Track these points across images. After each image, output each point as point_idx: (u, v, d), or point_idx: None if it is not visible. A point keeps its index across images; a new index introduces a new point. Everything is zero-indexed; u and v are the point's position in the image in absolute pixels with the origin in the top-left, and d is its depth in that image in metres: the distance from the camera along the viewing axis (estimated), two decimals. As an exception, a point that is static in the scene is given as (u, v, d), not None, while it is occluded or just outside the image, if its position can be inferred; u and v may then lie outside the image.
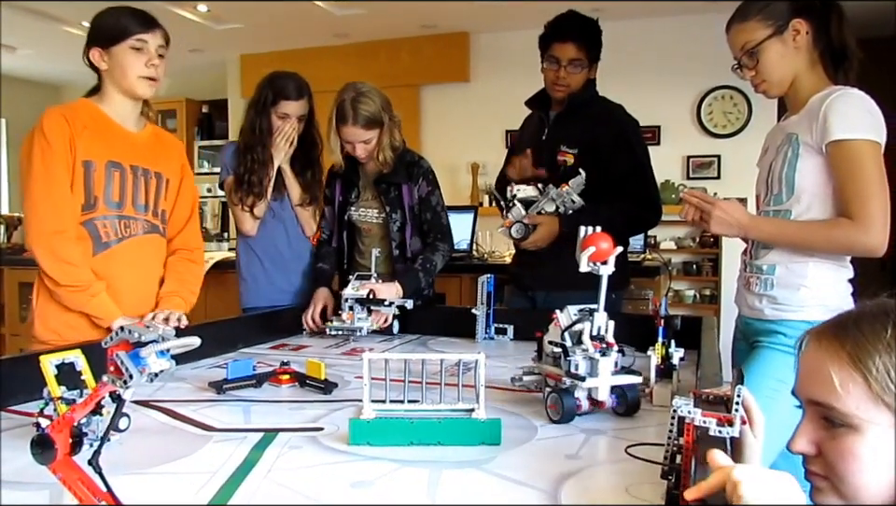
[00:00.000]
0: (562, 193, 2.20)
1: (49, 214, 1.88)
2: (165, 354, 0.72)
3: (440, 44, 6.31)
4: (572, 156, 2.37)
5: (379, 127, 2.41)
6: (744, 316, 1.90)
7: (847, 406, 0.87)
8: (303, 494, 0.96)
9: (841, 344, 0.89)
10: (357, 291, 2.24)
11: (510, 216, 2.29)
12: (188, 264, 2.16)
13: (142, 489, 0.97)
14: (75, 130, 1.91)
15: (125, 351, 0.71)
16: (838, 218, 1.67)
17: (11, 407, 1.39)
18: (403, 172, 2.48)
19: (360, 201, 2.55)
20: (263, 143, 2.58)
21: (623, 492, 0.97)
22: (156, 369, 0.72)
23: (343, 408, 1.41)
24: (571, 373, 1.34)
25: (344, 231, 2.58)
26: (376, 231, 2.54)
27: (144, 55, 1.94)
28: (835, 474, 0.89)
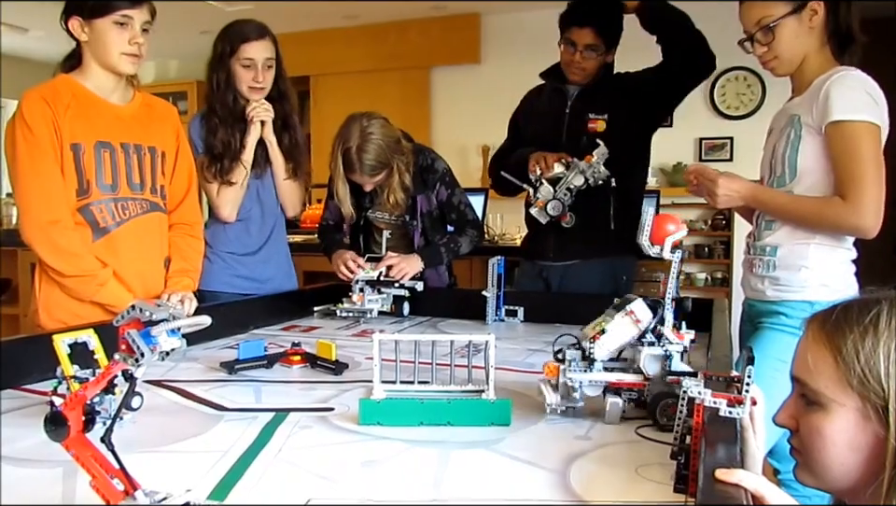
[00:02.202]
0: (591, 165, 2.20)
1: (40, 204, 1.80)
2: (176, 333, 0.73)
3: (450, 25, 6.26)
4: (603, 122, 2.37)
5: (388, 168, 2.36)
6: (748, 297, 1.91)
7: (817, 384, 0.90)
8: (314, 473, 0.96)
9: (823, 325, 0.92)
10: (367, 274, 2.25)
11: (539, 196, 2.28)
12: (189, 240, 2.09)
13: (154, 467, 0.98)
14: (57, 112, 1.80)
15: (136, 330, 0.71)
16: (832, 197, 1.68)
17: (25, 386, 1.40)
18: (419, 182, 2.45)
19: (375, 206, 2.51)
20: (224, 99, 2.32)
21: (632, 472, 0.97)
22: (167, 347, 0.72)
23: (353, 389, 1.42)
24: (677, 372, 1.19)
25: (360, 235, 2.56)
26: (394, 231, 2.52)
27: (127, 31, 1.83)
28: (806, 451, 0.92)
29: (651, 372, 1.19)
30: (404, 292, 2.26)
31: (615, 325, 1.20)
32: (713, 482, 0.72)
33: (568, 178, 2.24)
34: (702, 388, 0.88)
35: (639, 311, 1.21)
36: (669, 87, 2.36)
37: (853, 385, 0.86)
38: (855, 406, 0.87)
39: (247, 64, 2.29)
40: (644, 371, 1.19)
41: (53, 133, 1.81)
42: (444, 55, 6.33)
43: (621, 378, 1.20)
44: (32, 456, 1.03)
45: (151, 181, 1.98)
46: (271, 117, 2.36)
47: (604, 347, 1.19)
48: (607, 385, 1.20)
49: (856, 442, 0.87)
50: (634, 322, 1.20)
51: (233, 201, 2.38)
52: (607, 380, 1.19)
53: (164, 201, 2.03)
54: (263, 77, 2.31)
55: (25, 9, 5.66)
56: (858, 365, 0.86)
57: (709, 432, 0.85)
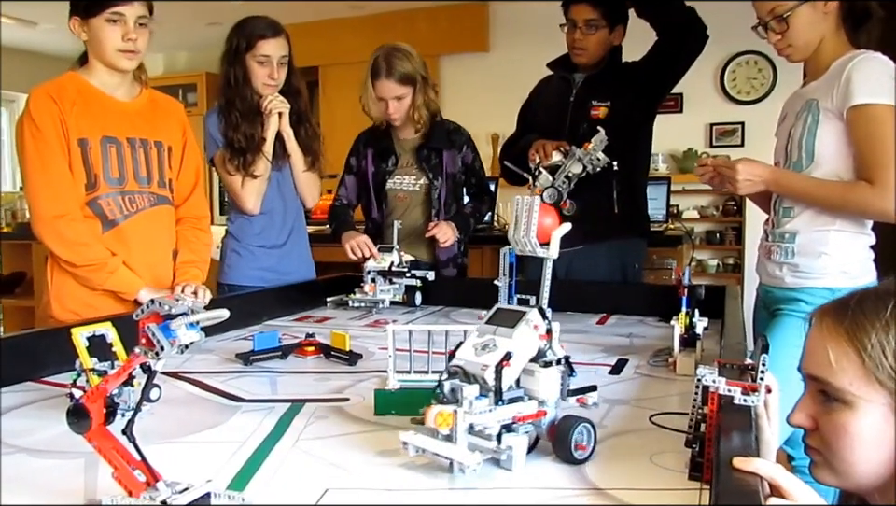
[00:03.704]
0: (588, 152, 2.20)
1: (48, 199, 1.84)
2: (195, 326, 0.74)
3: (458, 13, 6.24)
4: (605, 109, 2.38)
5: (413, 85, 2.42)
6: (764, 284, 1.90)
7: (840, 382, 0.88)
8: (331, 462, 0.97)
9: (840, 320, 0.90)
10: (378, 263, 2.26)
11: (538, 184, 2.28)
12: (197, 233, 2.12)
13: (174, 457, 0.99)
14: (63, 108, 1.84)
15: (156, 323, 0.72)
16: (857, 181, 1.67)
17: (43, 378, 1.42)
18: (445, 138, 2.51)
19: (397, 169, 2.55)
20: (243, 93, 2.35)
21: (646, 460, 0.98)
22: (186, 341, 0.73)
23: (367, 379, 1.43)
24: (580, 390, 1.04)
25: (383, 203, 2.59)
26: (412, 200, 2.55)
27: (120, 28, 1.85)
28: (829, 449, 0.91)
29: (551, 396, 0.96)
30: (416, 282, 2.27)
31: (520, 343, 0.94)
32: (730, 470, 0.72)
33: (566, 166, 2.24)
34: (716, 376, 0.88)
35: (539, 322, 0.97)
36: (664, 65, 2.35)
37: (882, 380, 0.85)
38: (884, 402, 0.86)
39: (262, 61, 2.32)
40: (539, 396, 0.95)
41: (60, 129, 1.84)
42: (453, 43, 6.31)
43: (521, 410, 0.93)
44: (52, 448, 1.05)
45: (158, 175, 2.01)
46: (287, 108, 2.39)
47: (512, 374, 0.92)
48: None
49: (884, 437, 0.86)
50: (539, 336, 0.96)
51: (258, 193, 2.41)
52: (513, 416, 0.92)
53: (172, 194, 2.06)
54: (278, 74, 2.35)
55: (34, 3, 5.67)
56: (886, 360, 0.85)
57: (724, 420, 0.85)
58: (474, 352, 0.94)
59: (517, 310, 0.97)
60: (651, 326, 2.00)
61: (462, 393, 0.89)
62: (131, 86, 1.99)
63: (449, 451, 0.87)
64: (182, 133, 2.10)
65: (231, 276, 2.45)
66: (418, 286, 2.29)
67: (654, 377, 1.45)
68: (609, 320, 2.11)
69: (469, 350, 0.94)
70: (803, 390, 0.96)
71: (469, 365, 0.92)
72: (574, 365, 1.48)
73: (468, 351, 0.94)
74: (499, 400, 0.90)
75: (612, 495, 0.86)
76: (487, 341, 0.94)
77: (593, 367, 1.52)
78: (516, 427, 0.92)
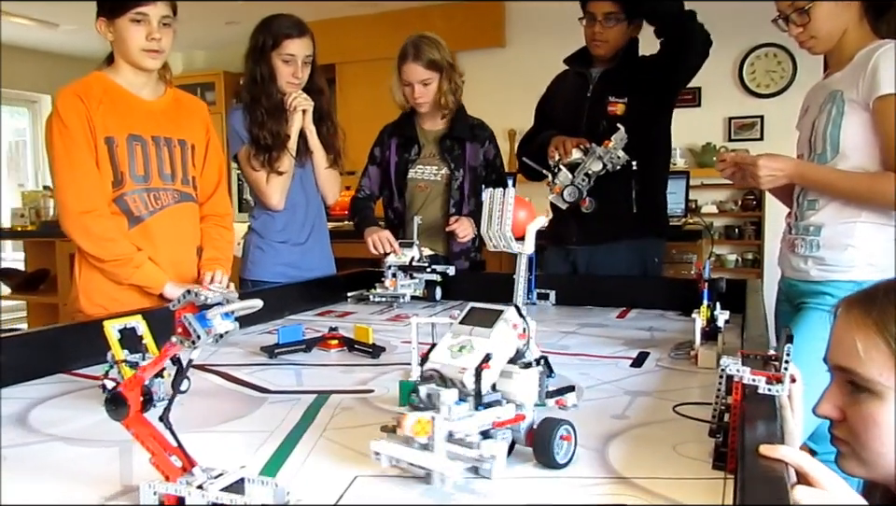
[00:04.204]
0: (608, 150, 2.20)
1: (74, 196, 1.89)
2: (230, 316, 0.75)
3: (474, 9, 6.24)
4: (622, 105, 2.37)
5: (439, 71, 2.46)
6: (788, 277, 1.90)
7: (869, 372, 0.88)
8: (359, 451, 0.99)
9: (868, 311, 0.91)
10: (399, 258, 2.28)
11: (557, 182, 2.29)
12: (220, 231, 2.17)
13: (206, 445, 1.01)
14: (90, 107, 1.89)
15: (192, 313, 0.74)
16: (885, 172, 1.66)
17: (74, 371, 1.45)
18: (468, 130, 2.53)
19: (420, 159, 2.58)
20: (268, 91, 2.39)
21: (670, 450, 0.99)
22: (221, 330, 0.75)
23: (391, 371, 1.44)
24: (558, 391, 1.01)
25: (404, 192, 2.61)
26: (432, 190, 2.57)
27: (144, 27, 1.89)
28: (857, 440, 0.91)
29: (529, 399, 0.91)
30: (436, 277, 2.29)
31: (499, 343, 0.88)
32: (755, 457, 0.73)
33: (586, 164, 2.24)
34: (740, 366, 0.89)
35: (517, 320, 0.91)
36: (668, 67, 2.33)
37: None
38: None
39: (287, 60, 2.36)
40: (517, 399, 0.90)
41: (87, 127, 1.89)
42: (469, 39, 6.31)
43: (500, 415, 0.88)
44: (88, 436, 1.07)
45: (182, 172, 2.05)
46: (311, 106, 2.42)
47: (491, 377, 0.87)
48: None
49: None
50: (517, 335, 0.91)
51: (282, 189, 2.44)
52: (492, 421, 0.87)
53: (195, 191, 2.10)
54: (302, 72, 2.39)
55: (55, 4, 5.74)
56: None
57: (748, 410, 0.86)
58: (450, 354, 0.87)
59: (493, 309, 0.91)
60: (671, 319, 2.01)
61: (440, 398, 0.82)
62: (156, 85, 2.04)
63: (428, 461, 0.80)
64: (205, 132, 2.14)
65: (255, 272, 2.49)
66: (438, 281, 2.31)
67: (676, 370, 1.45)
68: (629, 314, 2.11)
69: (443, 352, 0.88)
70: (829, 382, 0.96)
71: (445, 368, 0.86)
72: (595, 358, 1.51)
73: (443, 353, 0.88)
74: (479, 406, 0.84)
75: (636, 483, 0.87)
76: (463, 342, 0.88)
77: (614, 360, 1.53)
78: (494, 432, 0.87)
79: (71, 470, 0.93)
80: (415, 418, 0.81)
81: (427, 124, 2.59)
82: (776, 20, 1.81)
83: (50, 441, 1.06)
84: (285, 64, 2.37)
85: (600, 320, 2.01)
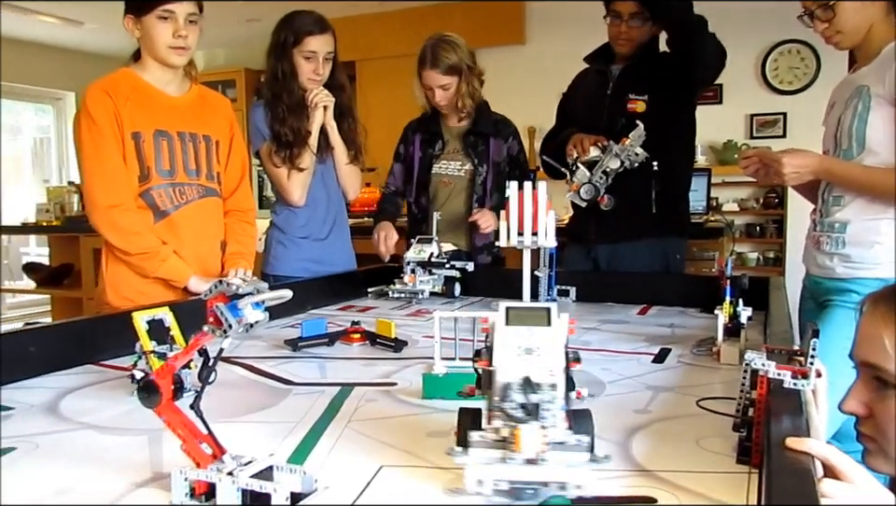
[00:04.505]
0: (625, 148, 2.19)
1: (102, 190, 1.91)
2: (260, 305, 0.77)
3: (494, 6, 6.24)
4: (643, 103, 2.35)
5: (458, 75, 2.47)
6: (812, 275, 1.89)
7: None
8: (383, 442, 1.00)
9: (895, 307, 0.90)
10: (418, 254, 2.28)
11: (575, 180, 2.29)
12: (243, 225, 2.19)
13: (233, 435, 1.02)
14: (118, 102, 1.91)
15: (224, 303, 0.76)
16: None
17: (101, 362, 1.48)
18: (491, 125, 2.55)
19: (443, 154, 2.59)
20: (290, 88, 2.39)
21: (693, 444, 0.99)
22: (252, 319, 0.76)
23: (413, 365, 1.45)
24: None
25: (428, 188, 2.62)
26: (456, 185, 2.58)
27: (171, 24, 1.92)
28: (883, 436, 0.90)
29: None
30: (455, 273, 2.30)
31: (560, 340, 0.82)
32: (782, 450, 0.73)
33: (604, 162, 2.23)
34: (765, 360, 0.89)
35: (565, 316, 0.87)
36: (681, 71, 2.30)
37: None
38: None
39: (309, 57, 2.37)
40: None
41: (114, 122, 1.91)
42: (489, 36, 6.31)
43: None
44: (118, 425, 1.09)
45: (207, 168, 2.08)
46: (332, 102, 2.43)
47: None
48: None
49: None
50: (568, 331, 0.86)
51: (303, 185, 2.46)
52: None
53: (220, 187, 2.13)
54: (323, 69, 2.39)
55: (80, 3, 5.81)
56: None
57: (774, 404, 0.86)
58: (520, 359, 0.80)
59: (534, 307, 0.86)
60: (692, 316, 2.00)
61: (543, 406, 0.76)
62: (181, 82, 2.07)
63: (553, 475, 0.75)
64: (229, 128, 2.17)
65: (277, 267, 2.51)
66: (458, 277, 2.31)
67: (698, 366, 1.45)
68: (650, 311, 2.11)
69: (511, 358, 0.80)
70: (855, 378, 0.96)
71: (533, 374, 0.78)
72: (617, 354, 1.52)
73: (511, 359, 0.80)
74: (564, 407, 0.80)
75: (660, 476, 0.87)
76: (524, 343, 0.81)
77: (635, 356, 1.53)
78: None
79: (103, 457, 0.95)
80: (531, 432, 0.75)
81: (451, 120, 2.60)
82: (801, 16, 1.80)
83: (82, 429, 1.08)
84: (306, 61, 2.37)
85: (621, 317, 2.01)
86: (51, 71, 7.35)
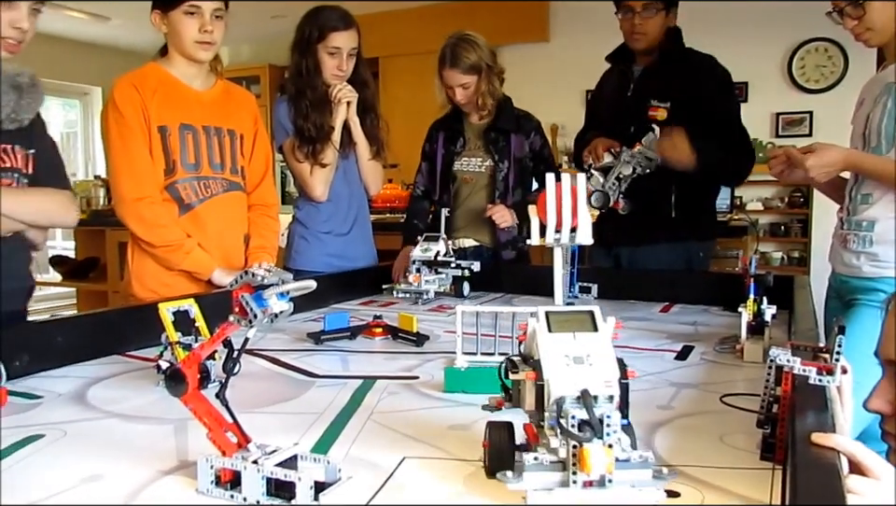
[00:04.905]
0: (635, 154, 2.15)
1: (129, 182, 1.93)
2: (285, 296, 0.77)
3: (518, 3, 6.22)
4: (664, 111, 2.32)
5: (477, 74, 2.47)
6: (839, 273, 1.87)
7: None
8: (405, 433, 1.01)
9: None
10: (424, 253, 2.21)
11: (588, 186, 2.26)
12: (267, 220, 2.21)
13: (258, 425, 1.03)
14: (145, 96, 1.94)
15: (249, 293, 0.76)
16: None
17: (127, 352, 1.50)
18: (513, 122, 2.54)
19: (465, 151, 2.59)
20: (314, 83, 2.40)
21: (717, 440, 0.98)
22: (277, 310, 0.77)
23: (435, 359, 1.46)
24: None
25: (450, 184, 2.62)
26: (478, 181, 2.58)
27: (197, 20, 1.94)
28: None
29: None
30: (461, 272, 2.23)
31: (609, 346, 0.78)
32: (807, 446, 0.73)
33: (616, 168, 2.19)
34: (790, 356, 0.88)
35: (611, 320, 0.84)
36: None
37: None
38: None
39: (333, 53, 2.37)
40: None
41: (142, 116, 1.94)
42: (513, 33, 6.30)
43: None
44: (144, 414, 1.11)
45: (231, 162, 2.09)
46: (355, 97, 2.43)
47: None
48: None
49: None
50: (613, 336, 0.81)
51: (326, 181, 2.47)
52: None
53: (243, 181, 2.14)
54: (347, 65, 2.40)
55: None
56: None
57: (798, 400, 0.85)
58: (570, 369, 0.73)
59: (576, 311, 0.80)
60: (715, 315, 1.99)
61: (608, 422, 0.69)
62: (207, 76, 2.09)
63: (620, 497, 0.69)
64: (253, 123, 2.18)
65: (299, 262, 2.52)
66: (466, 276, 2.24)
67: (721, 363, 1.44)
68: (672, 309, 2.10)
69: (564, 369, 0.73)
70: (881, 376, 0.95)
71: (589, 385, 0.71)
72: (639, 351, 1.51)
73: (565, 370, 0.73)
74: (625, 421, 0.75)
75: (684, 471, 0.87)
76: (571, 352, 0.75)
77: (658, 353, 1.52)
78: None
79: (130, 445, 0.96)
80: (598, 452, 0.67)
81: (472, 117, 2.60)
82: (830, 12, 1.78)
83: (108, 417, 1.10)
84: (330, 57, 2.37)
85: (643, 314, 2.00)
86: (79, 66, 7.44)
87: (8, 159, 1.59)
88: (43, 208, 1.66)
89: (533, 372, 0.75)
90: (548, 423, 0.72)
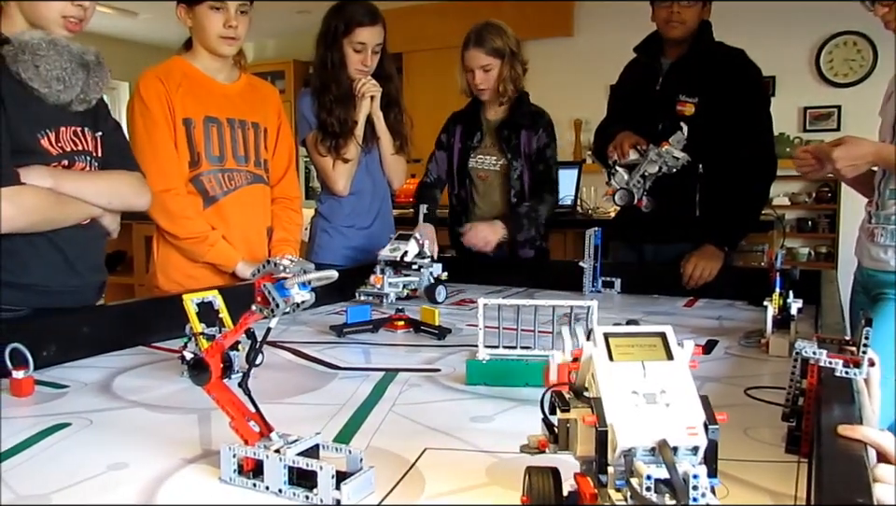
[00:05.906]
0: (662, 153, 2.10)
1: (155, 174, 1.91)
2: (306, 286, 0.78)
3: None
4: (692, 106, 2.28)
5: (501, 58, 2.46)
6: (865, 267, 1.84)
7: None
8: (427, 425, 1.01)
9: None
10: (391, 253, 2.06)
11: (613, 183, 2.23)
12: (289, 213, 2.22)
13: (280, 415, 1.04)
14: (170, 89, 1.95)
15: (271, 283, 0.77)
16: None
17: (152, 343, 1.51)
18: (528, 118, 2.52)
19: (480, 147, 2.58)
20: (338, 78, 2.38)
21: (741, 434, 0.97)
22: (298, 299, 0.77)
23: (456, 352, 1.46)
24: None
25: (466, 179, 2.61)
26: (493, 179, 2.57)
27: (222, 15, 1.95)
28: None
29: None
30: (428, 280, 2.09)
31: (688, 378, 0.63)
32: (833, 437, 0.72)
33: (642, 165, 2.15)
34: (817, 349, 0.87)
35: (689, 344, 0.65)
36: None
37: None
38: None
39: (358, 49, 2.36)
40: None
41: (167, 108, 1.96)
42: (537, 28, 6.26)
43: None
44: (168, 404, 1.12)
45: (255, 154, 2.11)
46: (379, 92, 2.43)
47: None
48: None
49: None
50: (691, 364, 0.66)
51: (348, 175, 2.46)
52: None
53: (267, 174, 2.16)
54: (372, 60, 2.39)
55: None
56: None
57: (825, 393, 0.84)
58: (640, 410, 0.59)
59: (642, 332, 0.65)
60: (740, 309, 1.97)
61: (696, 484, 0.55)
62: (231, 70, 2.11)
63: None
64: (277, 116, 2.20)
65: (322, 256, 2.52)
66: (441, 279, 2.12)
67: (746, 357, 1.43)
68: (696, 303, 2.08)
69: (632, 411, 0.59)
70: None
71: (667, 433, 0.57)
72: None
73: (628, 412, 0.59)
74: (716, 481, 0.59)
75: (707, 465, 0.86)
76: (646, 388, 0.60)
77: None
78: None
79: (155, 434, 0.97)
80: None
81: (489, 113, 2.58)
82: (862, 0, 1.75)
83: (133, 407, 1.11)
84: (355, 52, 2.36)
85: (667, 309, 1.99)
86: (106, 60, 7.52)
87: (80, 142, 1.57)
88: (119, 191, 1.64)
89: (592, 416, 0.59)
90: (612, 481, 0.59)
